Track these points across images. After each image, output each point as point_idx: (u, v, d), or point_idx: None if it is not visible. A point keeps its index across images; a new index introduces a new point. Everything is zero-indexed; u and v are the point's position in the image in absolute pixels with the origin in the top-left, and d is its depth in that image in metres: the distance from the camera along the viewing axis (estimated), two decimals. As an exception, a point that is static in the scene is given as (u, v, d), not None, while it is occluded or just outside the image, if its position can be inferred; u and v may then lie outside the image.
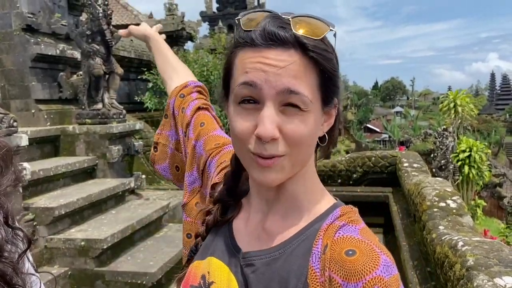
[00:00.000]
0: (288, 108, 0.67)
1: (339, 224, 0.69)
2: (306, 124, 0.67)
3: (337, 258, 0.65)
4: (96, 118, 5.17)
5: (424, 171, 5.13)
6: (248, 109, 0.67)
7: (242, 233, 0.79)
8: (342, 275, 0.63)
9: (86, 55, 5.15)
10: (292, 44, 0.66)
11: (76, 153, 5.10)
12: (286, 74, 0.65)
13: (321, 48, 0.68)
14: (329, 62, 0.69)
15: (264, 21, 0.67)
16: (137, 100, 8.20)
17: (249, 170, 0.71)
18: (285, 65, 0.65)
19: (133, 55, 8.34)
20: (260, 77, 0.65)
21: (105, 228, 3.95)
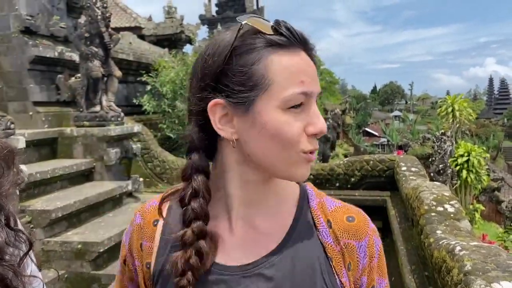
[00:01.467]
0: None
1: (322, 200, 0.80)
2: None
3: (344, 227, 0.76)
4: (94, 120, 5.16)
5: (422, 175, 5.13)
6: (297, 112, 0.69)
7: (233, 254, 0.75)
8: (354, 237, 0.76)
9: (84, 58, 5.15)
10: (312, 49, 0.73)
11: (73, 156, 5.08)
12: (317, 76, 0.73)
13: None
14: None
15: (293, 28, 0.70)
16: (136, 103, 8.18)
17: (294, 169, 0.72)
18: (315, 67, 0.72)
19: (131, 57, 8.34)
20: (312, 83, 0.70)
21: (102, 231, 3.94)
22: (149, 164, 7.08)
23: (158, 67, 8.20)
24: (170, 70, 8.03)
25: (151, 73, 8.13)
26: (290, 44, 0.69)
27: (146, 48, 9.44)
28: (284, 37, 0.69)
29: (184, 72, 7.91)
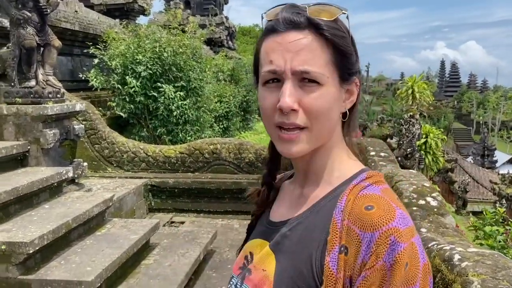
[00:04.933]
0: (307, 83, 0.76)
1: (364, 185, 0.79)
2: (323, 97, 0.77)
3: (357, 211, 0.74)
4: (28, 97, 4.47)
5: (392, 160, 4.83)
6: (272, 87, 0.79)
7: (283, 207, 0.91)
8: (360, 225, 0.72)
9: (15, 24, 4.41)
10: (307, 25, 0.76)
11: (4, 138, 4.40)
12: (302, 54, 0.75)
13: (333, 27, 0.77)
14: (342, 40, 0.78)
15: (282, 10, 0.79)
16: (82, 78, 7.41)
17: (275, 144, 0.83)
18: (299, 44, 0.75)
19: (77, 27, 7.52)
20: (280, 61, 0.76)
21: (33, 227, 3.35)
22: (96, 146, 6.42)
23: (107, 39, 7.43)
24: (120, 43, 7.30)
25: (99, 45, 7.35)
26: (277, 27, 0.78)
27: (95, 18, 8.59)
28: (271, 22, 0.79)
29: (135, 44, 7.21)
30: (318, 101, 0.76)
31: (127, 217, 5.35)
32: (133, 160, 6.36)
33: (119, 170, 6.40)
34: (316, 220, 0.80)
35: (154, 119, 7.47)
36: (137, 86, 7.05)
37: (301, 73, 0.76)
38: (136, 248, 3.86)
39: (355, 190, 0.77)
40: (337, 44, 0.77)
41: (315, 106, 0.76)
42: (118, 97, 7.38)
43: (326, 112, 0.78)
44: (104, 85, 7.32)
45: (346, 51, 0.79)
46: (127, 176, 6.25)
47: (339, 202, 0.77)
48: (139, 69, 7.03)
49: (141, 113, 7.43)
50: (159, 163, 6.27)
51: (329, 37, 0.76)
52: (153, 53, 7.11)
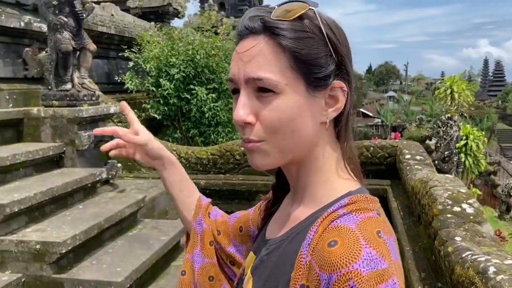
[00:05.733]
0: (263, 93, 0.70)
1: (339, 213, 0.67)
2: (280, 108, 0.69)
3: (320, 246, 0.64)
4: (64, 100, 4.60)
5: (428, 164, 4.67)
6: (236, 98, 0.74)
7: (274, 223, 0.86)
8: (320, 264, 0.63)
9: (52, 29, 4.55)
10: (262, 30, 0.69)
11: (41, 139, 4.54)
12: (255, 61, 0.69)
13: (292, 29, 0.68)
14: (301, 42, 0.68)
15: (245, 16, 0.73)
16: (118, 81, 7.58)
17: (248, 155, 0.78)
18: (252, 52, 0.69)
19: (113, 31, 7.70)
20: (234, 69, 0.73)
21: (67, 227, 3.44)
22: (131, 147, 6.53)
23: (142, 42, 7.57)
24: (154, 46, 7.42)
25: (134, 48, 7.50)
26: (238, 36, 0.73)
27: (130, 21, 8.78)
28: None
29: (169, 47, 7.31)
30: (273, 113, 0.69)
31: (160, 217, 5.41)
32: (166, 161, 6.42)
33: (152, 171, 6.49)
34: (289, 248, 0.73)
35: (187, 121, 7.55)
36: (171, 89, 7.14)
37: (254, 80, 0.69)
38: (167, 249, 3.90)
39: (328, 219, 0.67)
40: (294, 47, 0.68)
41: (269, 118, 0.69)
42: (152, 99, 7.51)
43: (287, 124, 0.69)
44: (139, 88, 7.47)
45: (307, 54, 0.69)
46: (160, 177, 6.32)
47: (309, 232, 0.68)
48: (173, 71, 7.12)
49: (175, 115, 7.53)
50: (191, 164, 6.32)
51: (283, 41, 0.68)
52: (186, 56, 7.18)
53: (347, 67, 0.72)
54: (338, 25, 0.73)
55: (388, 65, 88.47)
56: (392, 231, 0.68)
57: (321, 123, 0.72)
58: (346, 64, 0.72)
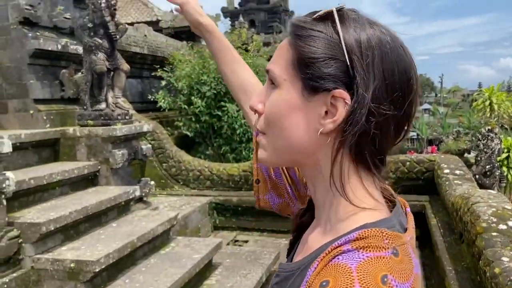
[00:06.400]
0: (272, 85, 0.70)
1: (345, 249, 0.59)
2: (274, 101, 0.68)
3: (314, 286, 0.58)
4: (98, 119, 4.70)
5: (468, 179, 4.47)
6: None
7: (301, 243, 0.79)
8: None
9: (87, 50, 4.68)
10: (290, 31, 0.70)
11: (77, 158, 4.64)
12: (274, 55, 0.71)
13: (303, 27, 0.66)
14: (305, 40, 0.65)
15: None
16: (151, 99, 7.72)
17: None
18: (277, 48, 0.71)
19: (146, 51, 7.88)
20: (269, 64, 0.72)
21: (100, 246, 3.46)
22: (164, 164, 6.60)
23: (174, 61, 7.70)
24: (186, 64, 7.53)
25: (166, 67, 7.64)
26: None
27: (163, 41, 8.97)
28: None
29: (201, 65, 7.39)
30: (269, 105, 0.69)
31: (192, 234, 5.40)
32: (199, 178, 6.45)
33: (185, 188, 6.52)
34: (296, 283, 0.67)
35: (218, 138, 7.58)
36: (202, 106, 7.20)
37: (267, 71, 0.71)
38: (199, 268, 3.85)
39: (330, 255, 0.60)
40: (298, 44, 0.65)
41: (266, 110, 0.70)
42: (184, 117, 7.59)
43: (277, 119, 0.67)
44: (171, 106, 7.57)
45: (308, 52, 0.64)
46: (192, 194, 6.34)
47: (310, 268, 0.62)
48: (204, 89, 7.19)
49: (206, 132, 7.57)
50: (223, 181, 6.31)
51: (292, 38, 0.67)
52: (217, 73, 7.23)
53: (364, 81, 0.62)
54: (379, 40, 0.64)
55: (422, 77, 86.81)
56: (412, 274, 0.58)
57: (320, 133, 0.65)
58: (364, 77, 0.62)
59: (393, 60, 0.64)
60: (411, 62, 0.67)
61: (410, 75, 0.65)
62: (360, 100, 0.62)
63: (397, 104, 0.64)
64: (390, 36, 0.66)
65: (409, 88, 0.65)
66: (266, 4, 17.16)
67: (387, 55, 0.64)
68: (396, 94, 0.63)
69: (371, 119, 0.62)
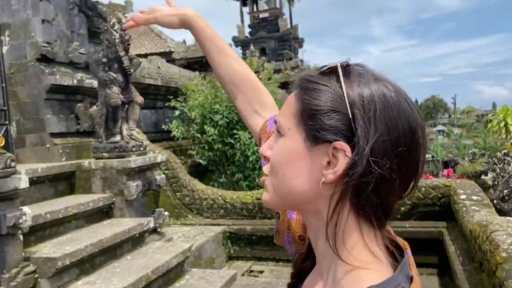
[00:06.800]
0: (279, 134, 0.73)
1: None
2: (278, 149, 0.72)
3: None
4: (113, 151, 4.77)
5: (485, 204, 4.39)
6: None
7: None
8: None
9: (102, 84, 4.80)
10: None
11: (92, 191, 4.69)
12: (282, 107, 0.75)
13: (308, 81, 0.69)
14: (308, 93, 0.68)
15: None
16: (165, 129, 7.82)
17: None
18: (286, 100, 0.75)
19: (159, 82, 8.03)
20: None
21: (116, 279, 3.46)
22: (178, 194, 6.62)
23: (187, 91, 7.83)
24: (199, 94, 7.64)
25: (179, 98, 7.76)
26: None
27: (176, 72, 9.14)
28: None
29: (213, 95, 7.50)
30: (274, 152, 0.72)
31: (207, 265, 5.36)
32: (212, 207, 6.44)
33: (199, 217, 6.52)
34: None
35: (231, 165, 7.60)
36: (215, 134, 7.27)
37: (275, 122, 0.75)
38: (214, 300, 3.82)
39: None
40: (301, 96, 0.68)
41: (271, 157, 0.73)
42: (197, 146, 7.65)
43: (279, 165, 0.70)
44: (185, 135, 7.65)
45: (311, 104, 0.66)
46: (206, 223, 6.33)
47: None
48: (217, 118, 7.27)
49: (219, 160, 7.61)
50: (237, 209, 6.29)
51: (296, 89, 0.70)
52: (229, 102, 7.32)
53: (365, 134, 0.62)
54: (383, 94, 0.65)
55: (435, 98, 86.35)
56: None
57: (322, 183, 0.65)
58: (365, 131, 0.62)
59: (396, 114, 0.64)
60: (416, 117, 0.66)
61: (415, 130, 0.65)
62: (360, 153, 0.62)
63: (401, 159, 0.63)
64: (395, 91, 0.66)
65: (414, 143, 0.65)
66: (276, 32, 17.42)
67: (390, 110, 0.64)
68: (401, 149, 0.63)
69: (373, 172, 0.62)
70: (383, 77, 0.68)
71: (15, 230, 3.18)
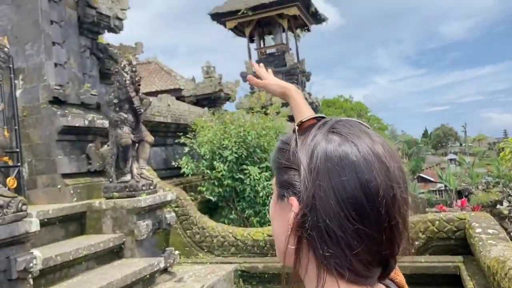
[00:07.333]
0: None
1: None
2: (270, 204, 0.76)
3: None
4: (124, 191, 4.78)
5: (502, 238, 4.28)
6: None
7: None
8: None
9: (113, 125, 4.87)
10: None
11: (102, 231, 4.68)
12: None
13: (281, 141, 0.74)
14: (277, 153, 0.73)
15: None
16: (175, 166, 7.86)
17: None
18: None
19: (169, 120, 8.13)
20: None
21: (125, 323, 3.40)
22: (188, 231, 6.57)
23: (196, 128, 7.91)
24: (208, 130, 7.70)
25: (189, 134, 7.83)
26: None
27: (185, 109, 9.26)
28: None
29: (222, 130, 7.55)
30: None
31: (218, 305, 5.25)
32: (223, 244, 6.37)
33: (209, 255, 6.43)
34: None
35: (241, 201, 7.56)
36: (225, 170, 7.27)
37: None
38: None
39: None
40: (274, 157, 0.73)
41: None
42: (207, 182, 7.65)
43: (272, 221, 0.75)
44: (194, 171, 7.67)
45: (273, 161, 0.73)
46: (217, 262, 6.24)
47: None
48: (226, 153, 7.29)
49: (229, 196, 7.58)
50: (248, 246, 6.21)
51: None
52: (238, 138, 7.36)
53: (307, 190, 0.64)
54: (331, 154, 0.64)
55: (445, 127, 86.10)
56: None
57: (287, 238, 0.67)
58: (306, 187, 0.64)
59: (350, 176, 0.63)
60: (384, 181, 0.63)
61: (369, 191, 0.62)
62: (304, 209, 0.64)
63: (358, 220, 0.62)
64: (364, 151, 0.64)
65: (371, 204, 0.62)
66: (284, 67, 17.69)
67: (337, 171, 0.63)
68: (352, 207, 0.62)
69: (320, 226, 0.63)
70: (361, 134, 0.67)
71: (25, 275, 3.16)
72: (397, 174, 0.65)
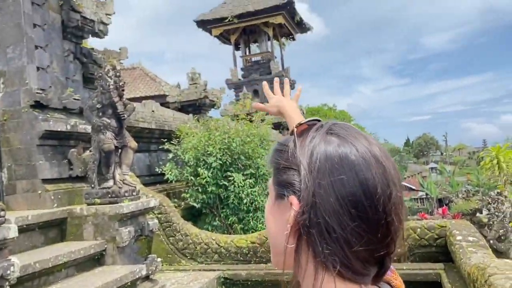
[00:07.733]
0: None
1: None
2: (266, 206, 0.78)
3: None
4: (106, 197, 4.71)
5: (482, 246, 4.35)
6: None
7: None
8: None
9: (96, 130, 4.81)
10: None
11: (84, 237, 4.60)
12: None
13: (278, 143, 0.77)
14: (275, 154, 0.75)
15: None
16: (158, 172, 7.79)
17: None
18: None
19: (153, 126, 8.07)
20: None
21: (106, 332, 3.33)
22: (171, 238, 6.51)
23: (180, 134, 7.87)
24: (193, 137, 7.67)
25: (173, 141, 7.78)
26: None
27: (170, 115, 9.21)
28: None
29: (206, 137, 7.53)
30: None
31: (201, 313, 5.20)
32: (206, 251, 6.33)
33: (192, 262, 6.38)
34: None
35: (225, 208, 7.53)
36: (209, 177, 7.24)
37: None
38: None
39: None
40: (272, 158, 0.75)
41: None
42: (191, 188, 7.60)
43: (268, 222, 0.76)
44: (178, 178, 7.61)
45: (271, 162, 0.75)
46: (200, 269, 6.19)
47: None
48: (210, 160, 7.26)
49: (213, 203, 7.54)
50: (231, 254, 6.18)
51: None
52: (223, 144, 7.35)
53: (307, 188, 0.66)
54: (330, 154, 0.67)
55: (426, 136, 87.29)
56: None
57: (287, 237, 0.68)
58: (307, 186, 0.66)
59: (349, 175, 0.65)
60: (381, 180, 0.65)
61: (367, 189, 0.65)
62: (304, 206, 0.66)
63: (354, 215, 0.64)
64: (361, 152, 0.67)
65: (370, 202, 0.64)
66: (269, 74, 17.77)
67: (337, 170, 0.65)
68: (351, 205, 0.64)
69: (320, 223, 0.64)
70: (355, 137, 0.70)
71: (2, 282, 3.08)
72: (393, 173, 0.68)
